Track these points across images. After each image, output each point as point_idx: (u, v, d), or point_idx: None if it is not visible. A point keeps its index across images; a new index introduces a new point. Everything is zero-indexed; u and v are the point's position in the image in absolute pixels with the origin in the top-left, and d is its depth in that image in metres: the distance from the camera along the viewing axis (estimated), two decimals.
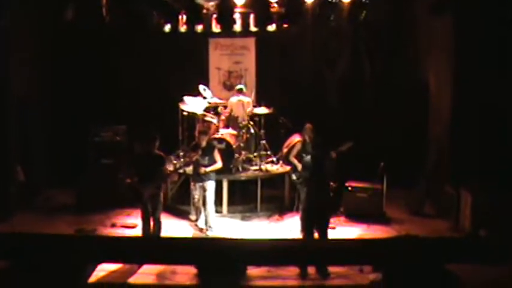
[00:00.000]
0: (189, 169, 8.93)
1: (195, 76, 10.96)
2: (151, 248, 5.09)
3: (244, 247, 5.01)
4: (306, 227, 7.30)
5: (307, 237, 6.97)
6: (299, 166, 8.62)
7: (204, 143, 8.59)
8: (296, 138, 9.35)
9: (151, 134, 7.76)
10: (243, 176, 9.89)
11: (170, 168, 9.12)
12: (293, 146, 9.19)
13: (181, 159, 9.97)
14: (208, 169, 8.64)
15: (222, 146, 9.56)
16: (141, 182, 7.68)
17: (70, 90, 10.85)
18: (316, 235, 7.13)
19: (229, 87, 11.72)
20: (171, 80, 11.07)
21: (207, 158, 8.62)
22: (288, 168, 9.49)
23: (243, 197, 10.04)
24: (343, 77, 11.30)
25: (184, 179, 9.78)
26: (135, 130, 10.22)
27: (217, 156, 8.77)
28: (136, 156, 8.20)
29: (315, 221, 7.15)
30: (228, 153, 9.57)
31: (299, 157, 8.75)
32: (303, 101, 11.10)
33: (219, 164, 8.76)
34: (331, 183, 7.80)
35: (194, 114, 10.23)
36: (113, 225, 9.20)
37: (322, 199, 7.22)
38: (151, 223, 7.83)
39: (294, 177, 9.01)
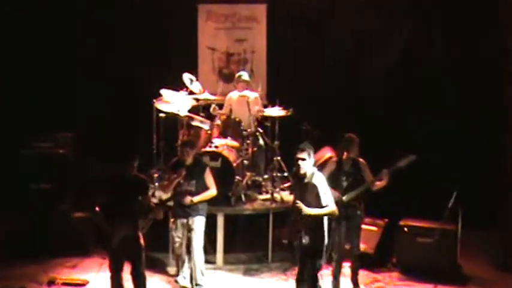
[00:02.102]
0: (166, 197, 8.85)
1: (177, 61, 11.20)
2: None
3: None
4: None
5: None
6: (335, 194, 8.31)
7: (189, 160, 8.55)
8: (327, 154, 9.41)
9: (130, 149, 7.88)
10: (248, 208, 9.85)
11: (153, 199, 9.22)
12: (323, 165, 9.09)
13: (156, 184, 9.98)
14: (197, 198, 8.56)
15: (217, 164, 9.53)
16: (110, 218, 7.66)
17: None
18: None
19: (227, 76, 11.80)
20: (143, 67, 11.25)
21: (194, 181, 8.56)
22: None
23: (248, 241, 10.05)
24: (395, 64, 11.33)
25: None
26: (87, 140, 10.37)
27: (209, 179, 8.69)
28: (103, 179, 8.23)
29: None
30: (225, 174, 9.51)
31: (333, 182, 8.43)
32: (337, 98, 11.17)
33: (212, 192, 8.69)
34: (379, 221, 7.89)
35: (175, 116, 10.17)
36: (51, 283, 9.15)
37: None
38: (129, 279, 7.91)
39: None
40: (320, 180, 7.30)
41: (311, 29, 11.52)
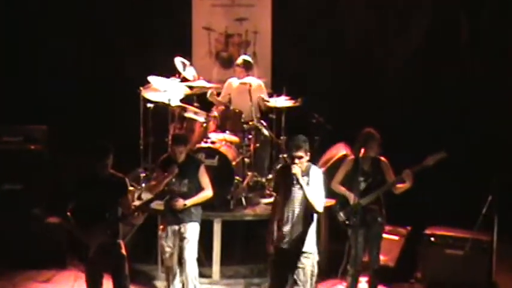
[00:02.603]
0: (148, 197, 8.88)
1: (167, 43, 11.25)
2: None
3: None
4: None
5: None
6: (351, 197, 8.45)
7: (182, 157, 8.49)
8: (341, 151, 9.49)
9: (101, 143, 7.78)
10: (249, 214, 9.77)
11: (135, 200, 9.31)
12: (335, 164, 9.18)
13: (142, 185, 9.96)
14: (190, 201, 8.49)
15: (214, 162, 9.54)
16: (85, 226, 7.56)
17: None
18: None
19: (226, 61, 11.84)
20: (128, 51, 11.38)
21: (186, 181, 8.49)
22: (328, 201, 8.90)
23: (248, 251, 9.93)
24: (421, 47, 11.40)
25: (147, 219, 9.60)
26: (63, 133, 10.37)
27: (204, 178, 8.61)
28: (74, 179, 8.08)
29: None
30: (223, 174, 9.49)
31: (349, 183, 8.55)
32: (353, 87, 11.21)
33: (207, 193, 8.63)
34: (401, 229, 8.21)
35: (166, 106, 10.11)
36: None
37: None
38: None
39: (341, 217, 8.75)
40: (318, 175, 7.48)
41: (324, 7, 11.57)
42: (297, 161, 7.40)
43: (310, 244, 7.59)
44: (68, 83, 11.53)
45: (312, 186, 7.42)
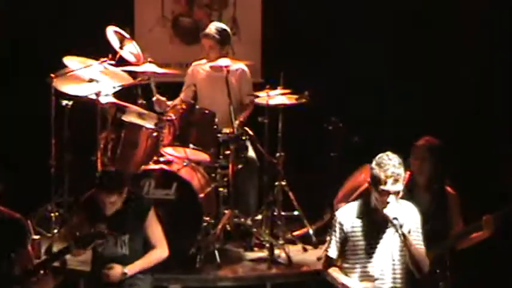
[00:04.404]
0: (59, 248, 7.59)
1: (95, 5, 9.95)
2: None
3: None
4: None
5: None
6: None
7: (115, 208, 7.12)
8: None
9: None
10: (226, 277, 8.33)
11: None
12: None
13: (54, 232, 8.65)
14: (133, 268, 7.17)
15: (169, 193, 8.20)
16: None
17: None
18: None
19: (189, 32, 10.38)
20: (31, 15, 10.00)
21: (126, 238, 7.22)
22: None
23: None
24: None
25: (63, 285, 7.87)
26: None
27: (154, 230, 7.32)
28: None
29: None
30: (184, 213, 8.17)
31: None
32: (398, 70, 10.03)
33: (159, 253, 7.34)
34: None
35: (93, 104, 8.76)
36: None
37: None
38: None
39: None
40: (416, 215, 6.45)
41: None
42: (391, 198, 6.08)
43: None
44: None
45: (413, 234, 6.35)
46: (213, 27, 8.94)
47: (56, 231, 8.58)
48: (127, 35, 8.80)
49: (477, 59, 10.41)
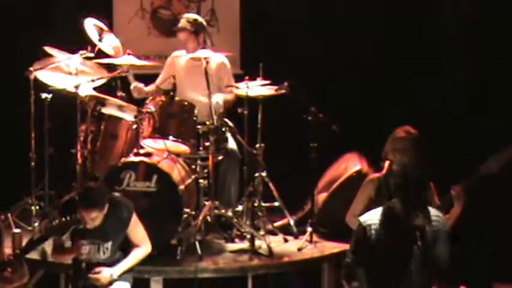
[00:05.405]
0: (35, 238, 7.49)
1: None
2: None
3: None
4: None
5: None
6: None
7: (96, 223, 7.14)
8: (354, 166, 8.82)
9: None
10: (207, 268, 8.29)
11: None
12: (345, 186, 8.56)
13: (35, 225, 8.61)
14: (119, 270, 7.27)
15: (150, 185, 8.23)
16: None
17: None
18: None
19: (167, 23, 10.54)
20: (16, 11, 10.05)
21: (109, 245, 7.26)
22: (337, 246, 8.68)
23: None
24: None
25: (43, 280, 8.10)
26: None
27: (137, 233, 7.40)
28: None
29: None
30: (164, 205, 8.19)
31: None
32: (375, 61, 10.13)
33: (143, 250, 7.45)
34: None
35: (72, 97, 8.72)
36: None
37: None
38: None
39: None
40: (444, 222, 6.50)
41: None
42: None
43: None
44: None
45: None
46: (184, 20, 9.10)
47: (36, 224, 8.58)
48: (104, 27, 8.90)
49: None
